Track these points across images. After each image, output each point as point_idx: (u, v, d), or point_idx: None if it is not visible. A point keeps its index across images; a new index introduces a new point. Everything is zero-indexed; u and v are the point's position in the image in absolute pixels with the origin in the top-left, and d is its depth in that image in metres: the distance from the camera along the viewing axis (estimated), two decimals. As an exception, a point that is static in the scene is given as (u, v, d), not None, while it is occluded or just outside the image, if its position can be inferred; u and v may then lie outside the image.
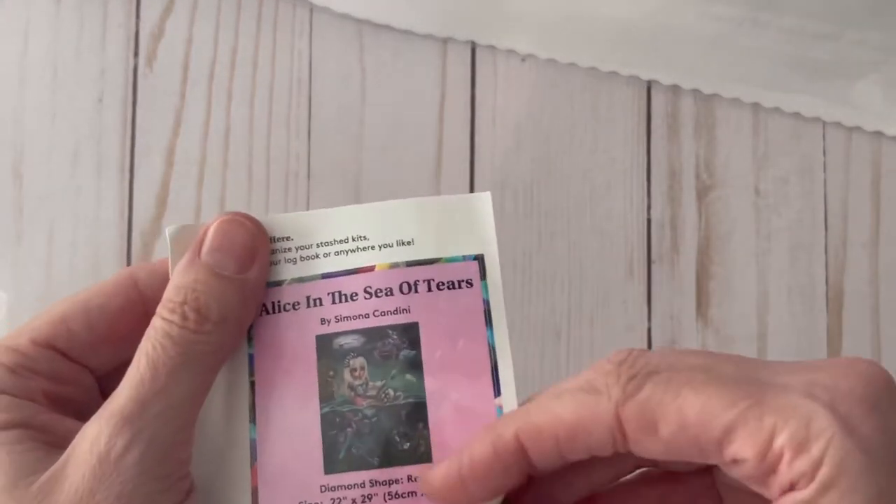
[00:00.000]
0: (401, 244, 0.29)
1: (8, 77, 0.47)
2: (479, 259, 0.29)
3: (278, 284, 0.29)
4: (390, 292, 0.28)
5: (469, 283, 0.29)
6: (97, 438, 0.25)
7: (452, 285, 0.29)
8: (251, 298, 0.28)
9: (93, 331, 0.28)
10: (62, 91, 0.47)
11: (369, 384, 0.28)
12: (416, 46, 0.47)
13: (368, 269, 0.29)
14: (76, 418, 0.28)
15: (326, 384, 0.28)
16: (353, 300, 0.29)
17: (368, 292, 0.29)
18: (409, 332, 0.28)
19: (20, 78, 0.47)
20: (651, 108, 0.47)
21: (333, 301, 0.29)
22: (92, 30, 0.47)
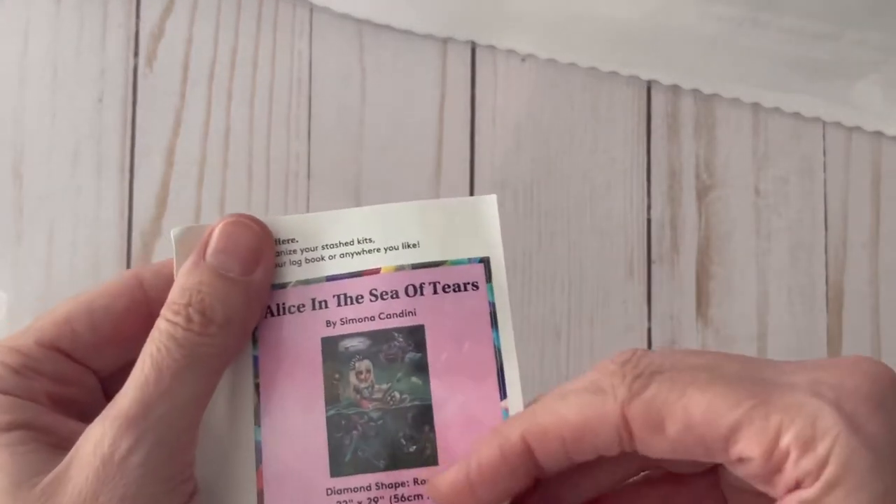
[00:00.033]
0: (406, 247, 0.29)
1: (8, 77, 0.47)
2: (485, 262, 0.29)
3: (283, 286, 0.29)
4: (396, 295, 0.28)
5: (475, 286, 0.28)
6: (101, 440, 0.25)
7: (458, 288, 0.28)
8: (256, 300, 0.28)
9: (97, 332, 0.28)
10: (62, 91, 0.47)
11: (375, 387, 0.28)
12: (416, 46, 0.47)
13: (374, 272, 0.29)
14: (79, 419, 0.28)
15: (332, 387, 0.28)
16: (359, 303, 0.28)
17: (374, 295, 0.28)
18: (415, 335, 0.28)
19: (20, 78, 0.47)
20: (651, 108, 0.47)
21: (339, 303, 0.29)
22: (92, 30, 0.47)
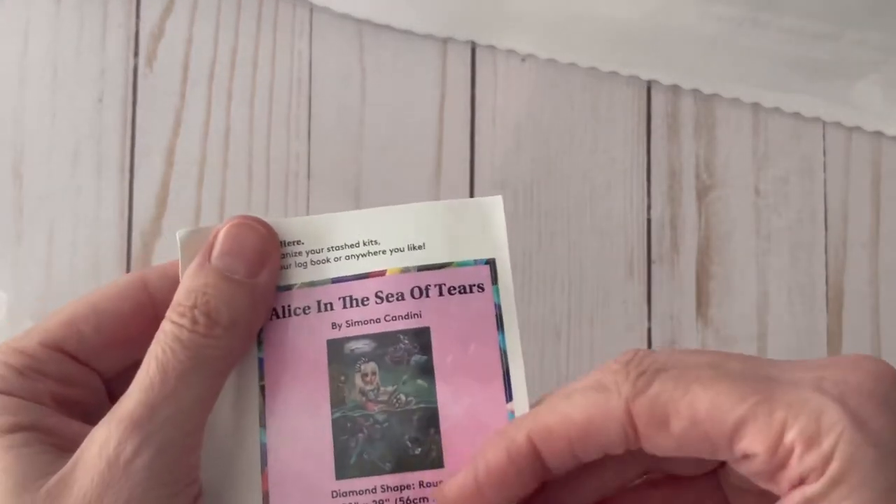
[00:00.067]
0: (412, 248, 0.29)
1: (8, 77, 0.47)
2: (491, 263, 0.29)
3: (288, 288, 0.29)
4: (401, 297, 0.28)
5: (480, 288, 0.28)
6: (106, 442, 0.25)
7: (464, 290, 0.28)
8: (261, 303, 0.28)
9: (102, 333, 0.28)
10: (62, 91, 0.47)
11: (380, 389, 0.28)
12: (416, 46, 0.47)
13: (380, 274, 0.29)
14: (84, 421, 0.28)
15: (337, 389, 0.28)
16: (365, 305, 0.28)
17: (380, 297, 0.28)
18: (421, 337, 0.28)
19: (20, 78, 0.47)
20: (651, 108, 0.47)
21: (344, 306, 0.28)
22: (92, 30, 0.47)
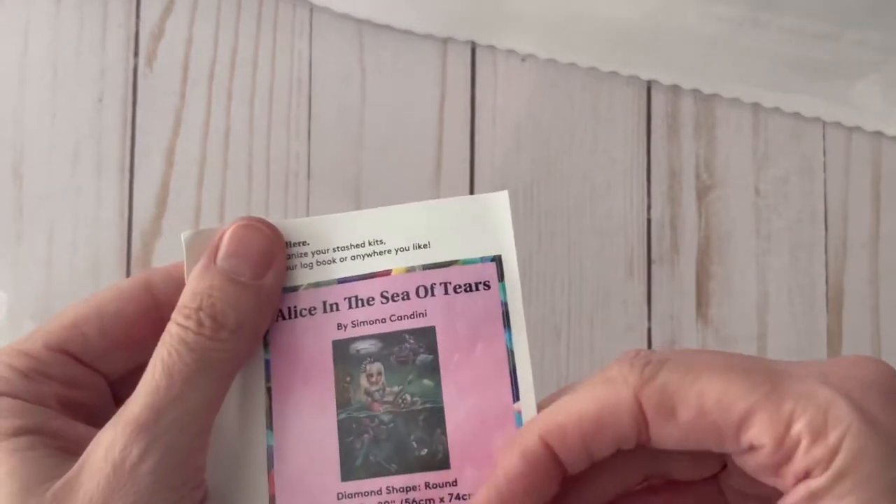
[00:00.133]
0: (417, 247, 0.28)
1: (8, 77, 0.47)
2: (497, 260, 0.28)
3: (294, 290, 0.29)
4: (407, 296, 0.28)
5: (486, 286, 0.28)
6: (112, 446, 0.25)
7: (469, 288, 0.28)
8: (267, 304, 0.28)
9: (107, 336, 0.28)
10: (62, 91, 0.47)
11: (386, 389, 0.28)
12: (416, 46, 0.47)
13: (385, 274, 0.28)
14: (88, 423, 0.28)
15: (343, 390, 0.28)
16: (370, 305, 0.28)
17: (385, 297, 0.28)
18: (426, 337, 0.28)
19: (20, 78, 0.47)
20: (651, 108, 0.47)
21: (350, 306, 0.28)
22: (92, 30, 0.47)
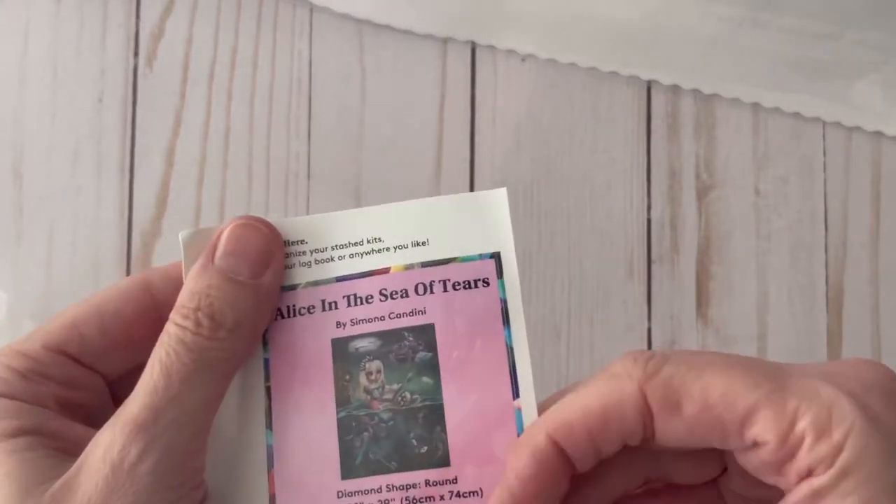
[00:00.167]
0: (416, 245, 0.28)
1: (8, 77, 0.47)
2: (496, 257, 0.28)
3: (293, 288, 0.29)
4: (405, 294, 0.28)
5: (485, 283, 0.28)
6: (110, 446, 0.25)
7: (468, 285, 0.28)
8: (265, 303, 0.28)
9: (105, 336, 0.28)
10: (62, 91, 0.47)
11: (385, 387, 0.28)
12: (416, 46, 0.47)
13: (383, 271, 0.28)
14: (87, 424, 0.27)
15: (342, 388, 0.28)
16: (369, 303, 0.28)
17: (384, 294, 0.28)
18: (426, 334, 0.28)
19: (20, 78, 0.47)
20: (651, 108, 0.47)
21: (349, 304, 0.28)
22: (92, 30, 0.47)
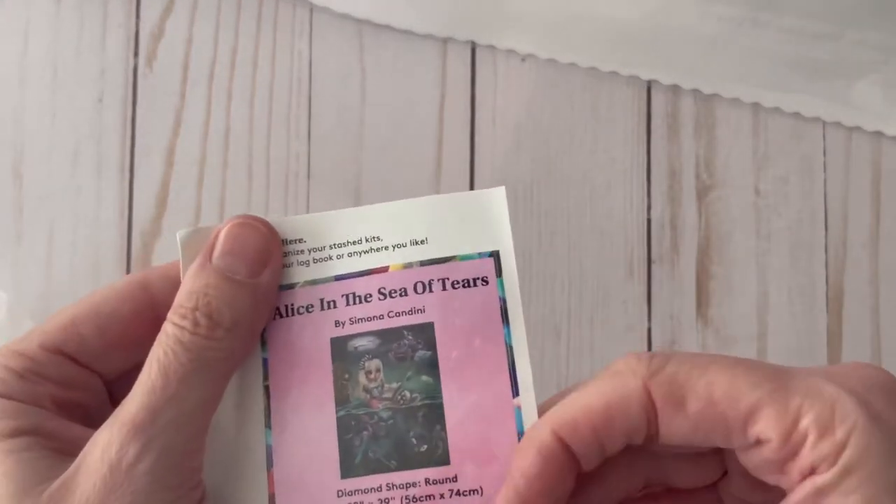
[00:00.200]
0: (414, 243, 0.28)
1: (8, 77, 0.47)
2: (495, 256, 0.28)
3: (291, 287, 0.29)
4: (405, 293, 0.28)
5: (485, 281, 0.28)
6: (108, 447, 0.25)
7: (468, 283, 0.28)
8: (263, 303, 0.28)
9: (103, 335, 0.28)
10: (62, 91, 0.47)
11: (385, 386, 0.28)
12: (416, 46, 0.47)
13: (382, 270, 0.28)
14: (84, 424, 0.27)
15: (342, 387, 0.28)
16: (368, 301, 0.28)
17: (382, 293, 0.28)
18: (425, 333, 0.28)
19: (20, 78, 0.47)
20: (651, 108, 0.47)
21: (347, 303, 0.28)
22: (92, 30, 0.47)
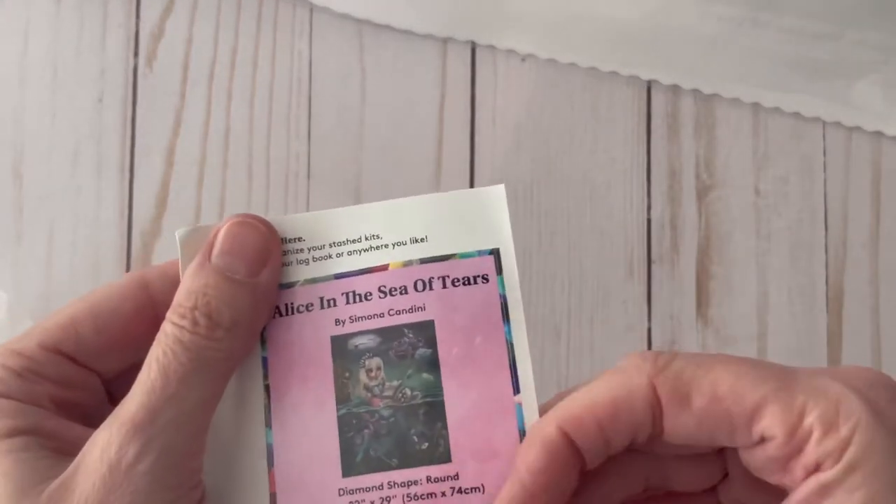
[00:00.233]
0: (414, 241, 0.28)
1: (8, 77, 0.47)
2: (495, 253, 0.28)
3: (291, 286, 0.29)
4: (405, 291, 0.28)
5: (485, 279, 0.28)
6: (108, 446, 0.25)
7: (468, 281, 0.28)
8: (263, 302, 0.28)
9: (102, 335, 0.28)
10: (62, 91, 0.47)
11: (386, 384, 0.28)
12: (416, 46, 0.47)
13: (382, 268, 0.28)
14: (83, 423, 0.27)
15: (342, 385, 0.28)
16: (368, 300, 0.28)
17: (383, 291, 0.28)
18: (425, 331, 0.28)
19: (20, 78, 0.47)
20: (651, 108, 0.47)
21: (347, 301, 0.28)
22: (92, 30, 0.47)
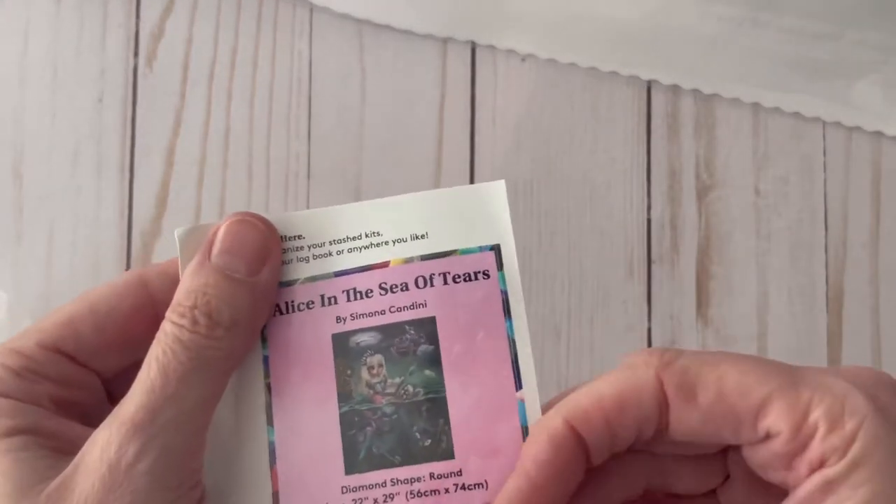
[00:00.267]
0: (415, 238, 0.28)
1: (8, 77, 0.47)
2: (496, 249, 0.28)
3: (291, 284, 0.28)
4: (406, 287, 0.28)
5: (486, 275, 0.28)
6: (107, 446, 0.25)
7: (469, 277, 0.28)
8: (263, 300, 0.28)
9: (101, 334, 0.28)
10: (62, 91, 0.47)
11: (388, 381, 0.28)
12: (416, 46, 0.47)
13: (383, 265, 0.28)
14: (82, 422, 0.27)
15: (344, 383, 0.28)
16: (369, 297, 0.28)
17: (383, 288, 0.28)
18: (427, 327, 0.28)
19: (20, 78, 0.47)
20: (651, 108, 0.47)
21: (348, 299, 0.28)
22: (92, 30, 0.47)
